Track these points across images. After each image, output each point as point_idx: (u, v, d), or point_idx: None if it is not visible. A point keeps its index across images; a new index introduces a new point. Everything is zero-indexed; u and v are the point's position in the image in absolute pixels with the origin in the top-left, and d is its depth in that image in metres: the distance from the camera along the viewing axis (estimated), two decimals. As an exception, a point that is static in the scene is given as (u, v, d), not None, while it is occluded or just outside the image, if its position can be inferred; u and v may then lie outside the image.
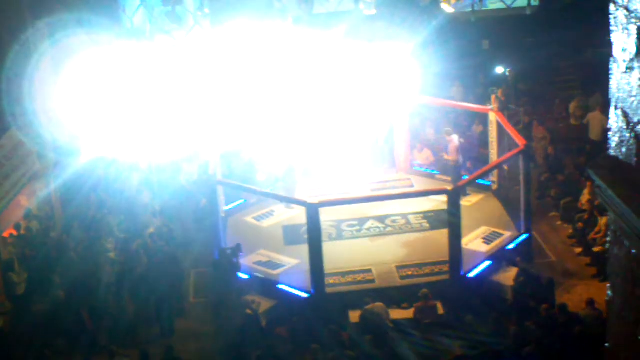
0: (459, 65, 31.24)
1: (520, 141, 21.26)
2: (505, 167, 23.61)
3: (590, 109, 27.72)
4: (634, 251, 5.87)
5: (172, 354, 17.27)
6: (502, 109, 26.60)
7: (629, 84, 5.97)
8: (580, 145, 26.96)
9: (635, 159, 5.95)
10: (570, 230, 22.83)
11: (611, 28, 6.06)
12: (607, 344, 6.64)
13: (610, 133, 6.22)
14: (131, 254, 21.04)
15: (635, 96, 5.93)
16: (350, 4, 29.62)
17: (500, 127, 23.41)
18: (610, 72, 6.17)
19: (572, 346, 16.53)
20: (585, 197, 22.56)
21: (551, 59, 31.51)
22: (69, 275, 19.96)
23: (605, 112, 24.74)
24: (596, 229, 21.39)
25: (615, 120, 6.14)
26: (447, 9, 21.36)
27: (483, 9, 31.72)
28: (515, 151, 21.27)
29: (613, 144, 6.19)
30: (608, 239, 6.31)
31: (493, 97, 27.58)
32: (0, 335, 17.88)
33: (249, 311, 18.63)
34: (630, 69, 5.91)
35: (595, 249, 20.78)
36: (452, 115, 28.39)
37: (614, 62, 6.10)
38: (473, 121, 28.10)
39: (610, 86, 6.18)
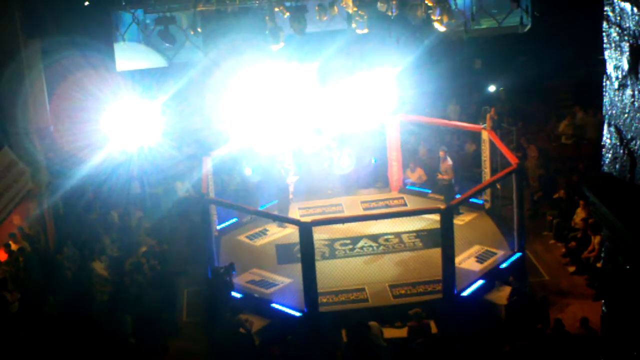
0: (451, 84, 31.36)
1: (512, 160, 21.30)
2: (498, 186, 23.65)
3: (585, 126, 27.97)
4: (627, 266, 5.92)
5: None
6: (495, 127, 26.70)
7: (622, 101, 6.02)
8: (573, 164, 27.06)
9: (629, 175, 6.00)
10: (564, 249, 22.86)
11: (604, 45, 6.12)
12: (601, 360, 6.70)
13: (604, 150, 6.27)
14: (124, 272, 21.06)
15: (628, 113, 5.98)
16: (343, 23, 29.77)
17: (493, 146, 23.48)
18: (603, 89, 6.22)
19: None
20: (578, 215, 22.62)
21: (544, 78, 31.63)
22: (62, 295, 19.95)
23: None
24: (589, 248, 21.45)
25: (608, 137, 6.19)
26: (439, 28, 21.41)
27: (475, 27, 31.86)
28: (507, 170, 21.31)
29: (607, 161, 6.23)
30: (602, 255, 6.34)
31: (488, 116, 27.71)
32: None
33: (242, 330, 18.60)
34: (623, 86, 5.96)
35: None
36: (445, 134, 28.49)
37: (607, 79, 6.16)
38: (466, 140, 28.19)
39: (603, 103, 6.23)
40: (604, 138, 6.20)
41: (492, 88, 31.55)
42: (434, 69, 30.61)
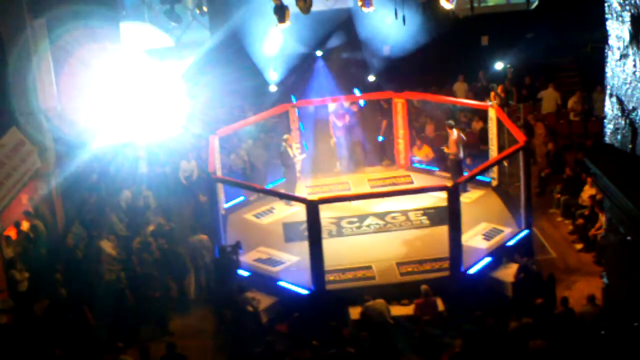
0: (458, 61, 31.30)
1: (520, 137, 21.26)
2: (506, 163, 23.65)
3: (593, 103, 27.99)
4: (629, 238, 5.89)
5: (174, 351, 17.27)
6: (502, 105, 26.66)
7: (623, 71, 5.99)
8: (580, 141, 27.02)
9: (630, 146, 5.97)
10: (571, 227, 22.85)
11: (606, 16, 6.08)
12: (602, 332, 6.68)
13: (605, 120, 6.24)
14: (132, 251, 21.11)
15: (629, 83, 5.95)
16: (350, 1, 29.78)
17: (500, 124, 23.45)
18: (605, 60, 6.19)
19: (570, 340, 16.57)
20: (585, 192, 22.57)
21: (551, 55, 31.54)
22: (70, 273, 20.02)
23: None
24: (597, 225, 21.39)
25: (610, 108, 6.15)
26: (446, 5, 21.30)
27: (482, 4, 31.76)
28: (515, 147, 21.28)
29: (608, 132, 6.21)
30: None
31: (492, 93, 27.66)
32: (5, 331, 17.88)
33: (249, 308, 18.66)
34: (624, 56, 5.93)
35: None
36: (452, 111, 28.48)
37: (609, 49, 6.12)
38: (473, 117, 28.18)
39: (605, 74, 6.20)
40: (606, 109, 6.17)
41: (499, 65, 31.45)
42: (441, 46, 30.56)
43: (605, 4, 6.01)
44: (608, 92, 6.00)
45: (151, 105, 26.03)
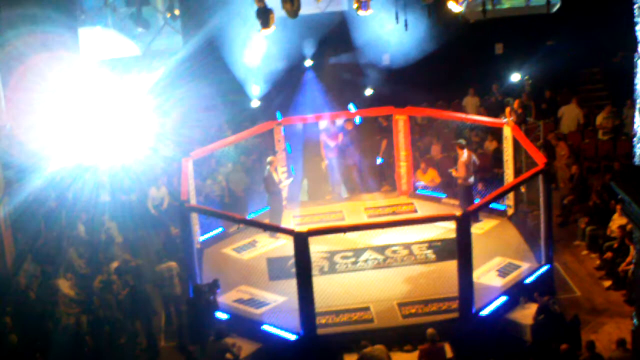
0: (468, 72, 31.42)
1: (539, 159, 21.36)
2: (523, 189, 23.72)
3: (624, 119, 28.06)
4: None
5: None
6: (519, 122, 26.75)
7: (654, 83, 6.09)
8: (608, 163, 27.07)
9: (662, 169, 6.05)
10: (598, 261, 22.93)
11: (635, 19, 6.16)
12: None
13: (635, 139, 6.29)
14: (93, 292, 21.11)
15: (661, 96, 6.04)
16: (344, 4, 29.91)
17: (516, 144, 23.55)
18: (634, 70, 6.26)
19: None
20: (615, 222, 22.64)
21: (575, 65, 31.68)
22: (22, 317, 19.99)
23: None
24: (628, 259, 21.46)
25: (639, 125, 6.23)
26: (455, 7, 21.43)
27: (497, 7, 31.89)
28: (533, 171, 21.36)
29: (638, 152, 6.27)
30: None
31: (508, 109, 27.78)
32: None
33: (229, 356, 18.67)
34: (656, 65, 6.03)
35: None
36: (461, 129, 28.57)
37: (638, 58, 6.20)
38: (485, 137, 28.26)
39: (634, 86, 6.25)
40: (635, 126, 6.22)
41: (515, 77, 31.60)
42: (448, 55, 30.70)
43: (635, 6, 6.08)
44: (638, 106, 6.04)
45: (115, 124, 26.04)
